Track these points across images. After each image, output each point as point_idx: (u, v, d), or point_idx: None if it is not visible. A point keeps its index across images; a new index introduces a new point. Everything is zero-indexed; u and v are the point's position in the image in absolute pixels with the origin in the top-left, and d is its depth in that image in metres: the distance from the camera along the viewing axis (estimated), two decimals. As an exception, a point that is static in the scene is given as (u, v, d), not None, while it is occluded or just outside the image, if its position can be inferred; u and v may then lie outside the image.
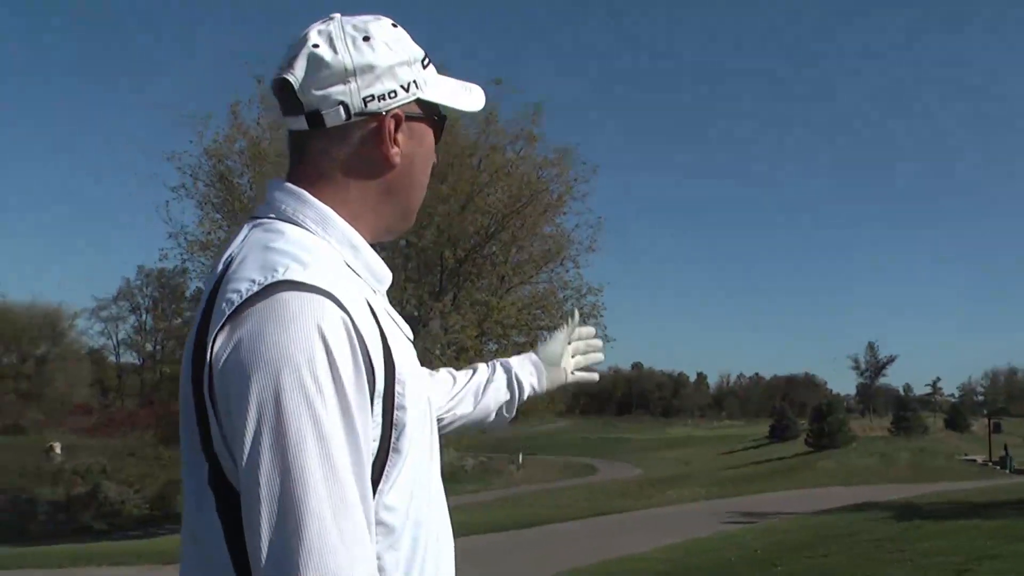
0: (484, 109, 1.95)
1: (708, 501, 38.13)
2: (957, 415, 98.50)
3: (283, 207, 1.64)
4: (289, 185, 1.67)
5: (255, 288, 1.43)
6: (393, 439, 1.53)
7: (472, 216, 32.62)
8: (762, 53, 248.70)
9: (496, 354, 35.78)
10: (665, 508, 35.02)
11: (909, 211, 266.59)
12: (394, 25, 1.71)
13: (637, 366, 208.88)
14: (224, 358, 1.40)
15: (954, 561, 13.85)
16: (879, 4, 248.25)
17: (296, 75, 1.62)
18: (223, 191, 33.47)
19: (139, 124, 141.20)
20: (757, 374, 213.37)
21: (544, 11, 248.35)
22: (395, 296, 32.80)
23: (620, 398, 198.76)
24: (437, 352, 31.70)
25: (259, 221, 1.64)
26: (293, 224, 1.61)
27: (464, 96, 1.83)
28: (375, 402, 1.49)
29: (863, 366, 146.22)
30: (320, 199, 1.64)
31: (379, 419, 1.50)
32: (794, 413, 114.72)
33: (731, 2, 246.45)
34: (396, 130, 1.68)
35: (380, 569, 1.48)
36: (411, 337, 1.78)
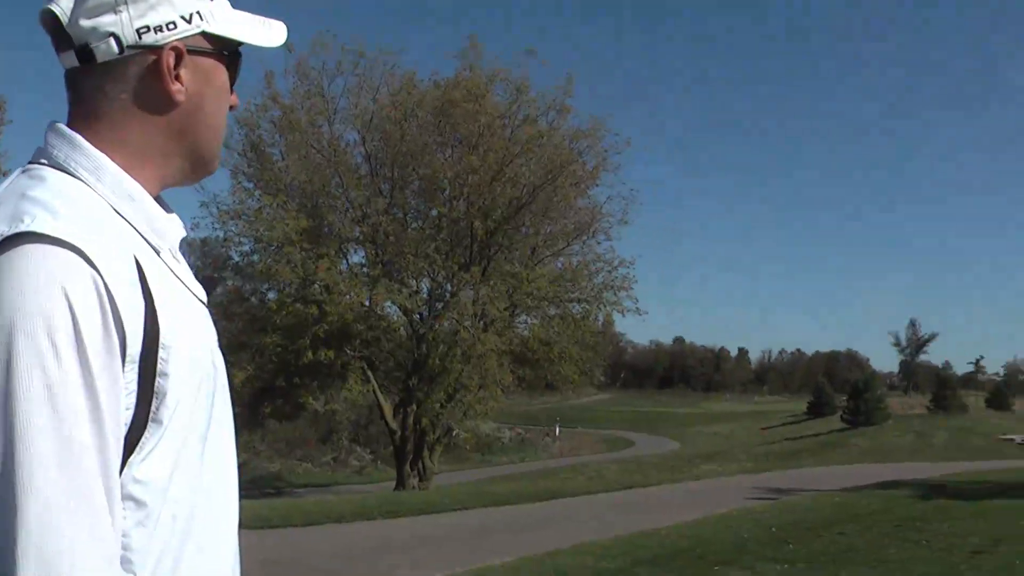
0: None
1: (740, 476, 37.87)
2: (999, 394, 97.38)
3: (54, 152, 1.49)
4: (62, 127, 1.51)
5: None
6: (153, 408, 1.39)
7: (503, 187, 32.47)
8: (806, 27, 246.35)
9: (527, 326, 35.98)
10: (697, 483, 34.80)
11: (950, 187, 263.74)
12: None
13: (679, 340, 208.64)
14: None
15: (972, 543, 13.62)
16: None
17: (62, 5, 1.47)
18: (255, 160, 33.50)
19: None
20: (799, 350, 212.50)
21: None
22: (424, 267, 32.93)
23: (661, 372, 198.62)
24: (467, 323, 31.66)
25: (28, 167, 1.50)
26: (62, 171, 1.47)
27: (261, 31, 1.65)
28: (127, 367, 1.35)
29: (904, 343, 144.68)
30: (96, 142, 1.48)
31: (133, 386, 1.37)
32: (834, 390, 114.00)
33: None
34: (177, 65, 1.53)
35: (127, 547, 1.35)
36: (203, 300, 1.65)
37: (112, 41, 1.47)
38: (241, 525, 1.67)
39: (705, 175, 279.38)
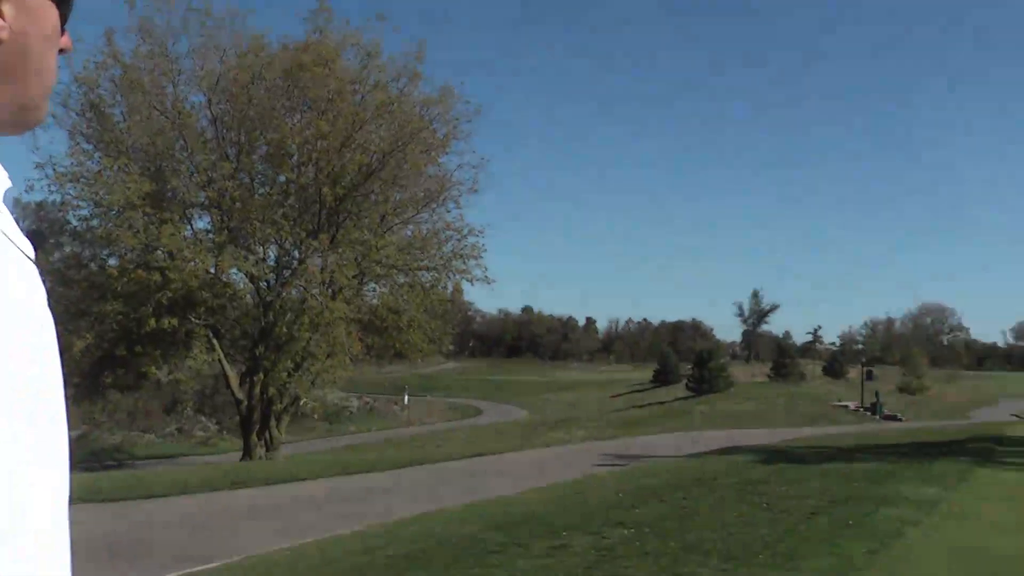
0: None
1: (587, 444, 38.40)
2: (835, 363, 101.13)
3: None
4: None
5: None
6: None
7: (353, 153, 32.04)
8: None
9: (376, 294, 35.74)
10: (545, 450, 35.16)
11: (795, 162, 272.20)
12: None
13: (527, 310, 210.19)
14: None
15: (809, 504, 14.06)
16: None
17: None
18: (95, 121, 32.26)
19: None
20: (645, 320, 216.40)
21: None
22: (271, 234, 32.33)
23: (510, 341, 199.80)
24: (315, 291, 31.25)
25: None
26: None
27: None
28: None
29: (747, 314, 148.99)
30: None
31: None
32: (679, 359, 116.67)
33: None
34: None
35: None
36: (31, 256, 1.47)
37: None
38: (73, 500, 1.50)
39: (553, 143, 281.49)
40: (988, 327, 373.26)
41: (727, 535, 11.57)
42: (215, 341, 33.29)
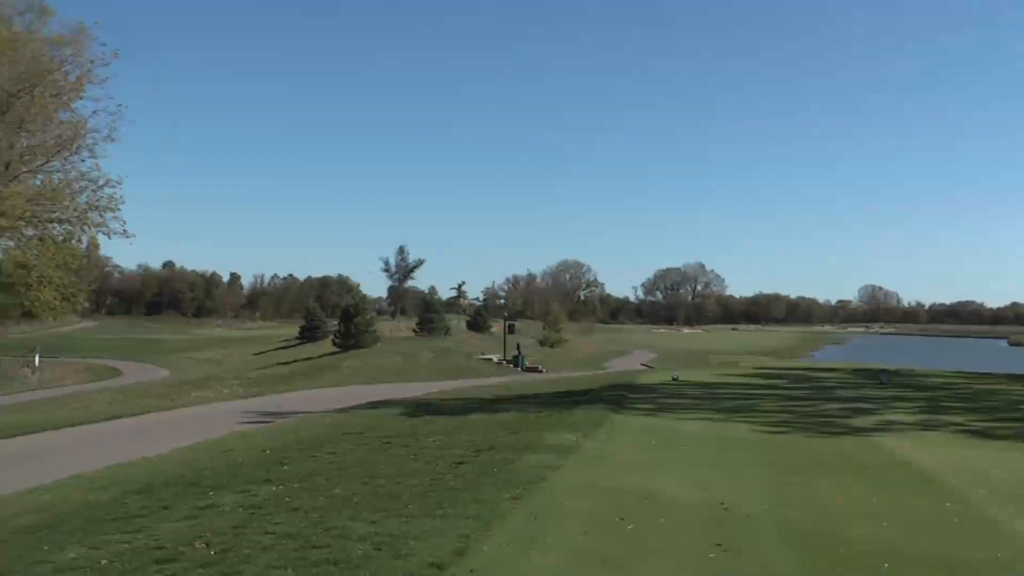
0: None
1: (233, 402, 37.59)
2: (479, 317, 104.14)
3: None
4: None
5: None
6: None
7: (-29, 94, 29.47)
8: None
9: (2, 248, 33.13)
10: (189, 410, 34.09)
11: (437, 121, 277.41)
12: None
13: (169, 265, 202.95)
14: None
15: (455, 454, 14.40)
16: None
17: None
18: None
19: None
20: (292, 275, 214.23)
21: None
22: None
23: (150, 298, 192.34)
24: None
25: None
26: None
27: None
28: None
29: (393, 269, 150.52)
30: None
31: None
32: (326, 314, 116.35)
33: None
34: None
35: None
36: None
37: None
38: None
39: (193, 89, 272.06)
40: (621, 283, 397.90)
41: (376, 487, 11.63)
42: None
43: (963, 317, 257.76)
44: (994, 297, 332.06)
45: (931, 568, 8.32)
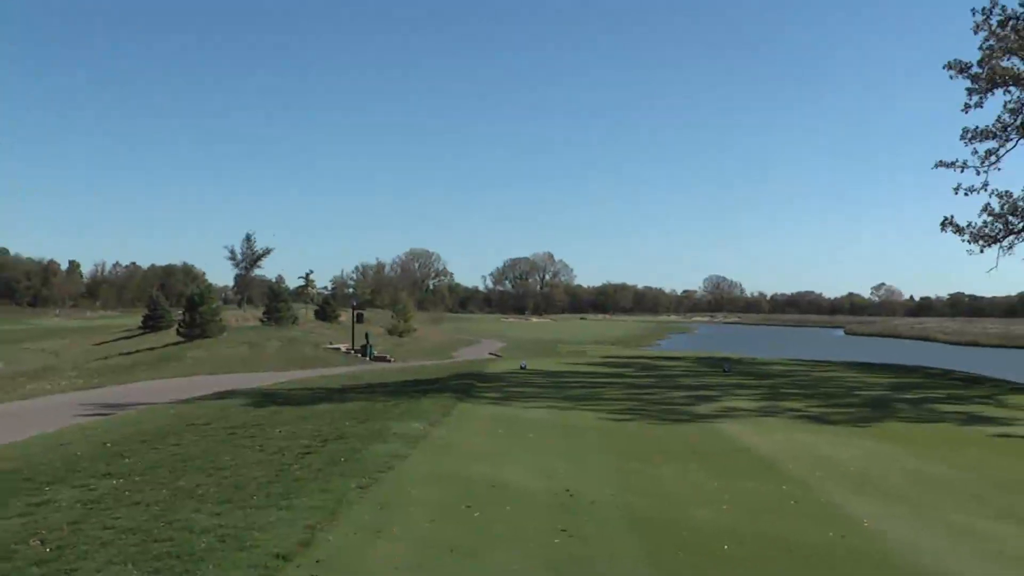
0: None
1: (72, 394, 36.51)
2: (327, 306, 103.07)
3: None
4: None
5: None
6: None
7: None
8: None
9: None
10: (24, 403, 32.97)
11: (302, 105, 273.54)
12: None
13: (2, 252, 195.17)
14: None
15: (301, 444, 14.29)
16: None
17: None
18: None
19: None
20: (134, 263, 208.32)
21: None
22: None
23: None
24: None
25: None
26: None
27: None
28: None
29: (239, 257, 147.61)
30: None
31: None
32: (170, 304, 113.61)
33: None
34: None
35: None
36: None
37: None
38: None
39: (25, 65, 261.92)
40: (470, 272, 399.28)
41: (221, 479, 11.48)
42: None
43: (802, 307, 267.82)
44: (832, 288, 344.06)
45: (769, 548, 8.67)
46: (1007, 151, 30.74)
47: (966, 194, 31.48)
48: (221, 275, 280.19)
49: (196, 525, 8.71)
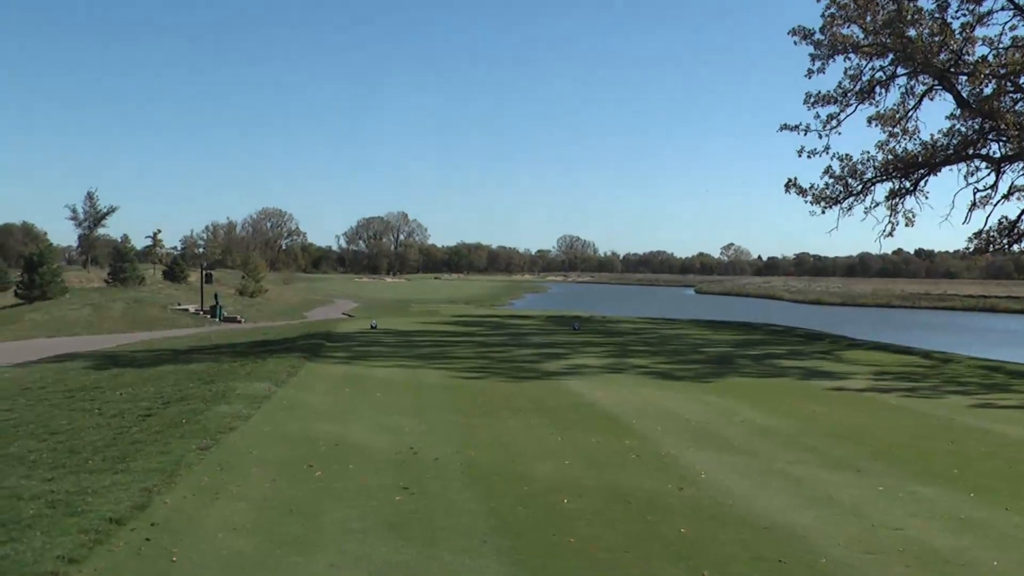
0: None
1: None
2: (175, 266, 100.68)
3: None
4: None
5: None
6: None
7: None
8: None
9: None
10: None
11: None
12: None
13: None
14: None
15: (142, 407, 13.99)
16: None
17: None
18: None
19: None
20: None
21: None
22: None
23: None
24: None
25: None
26: None
27: None
28: None
29: (82, 217, 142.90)
30: None
31: None
32: (9, 264, 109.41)
33: None
34: None
35: None
36: None
37: None
38: None
39: None
40: (323, 232, 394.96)
41: (55, 444, 11.17)
42: None
43: (654, 266, 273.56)
44: (683, 248, 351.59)
45: (608, 499, 8.85)
46: (847, 115, 31.77)
47: (809, 157, 32.50)
48: (65, 235, 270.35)
49: (25, 492, 8.43)
